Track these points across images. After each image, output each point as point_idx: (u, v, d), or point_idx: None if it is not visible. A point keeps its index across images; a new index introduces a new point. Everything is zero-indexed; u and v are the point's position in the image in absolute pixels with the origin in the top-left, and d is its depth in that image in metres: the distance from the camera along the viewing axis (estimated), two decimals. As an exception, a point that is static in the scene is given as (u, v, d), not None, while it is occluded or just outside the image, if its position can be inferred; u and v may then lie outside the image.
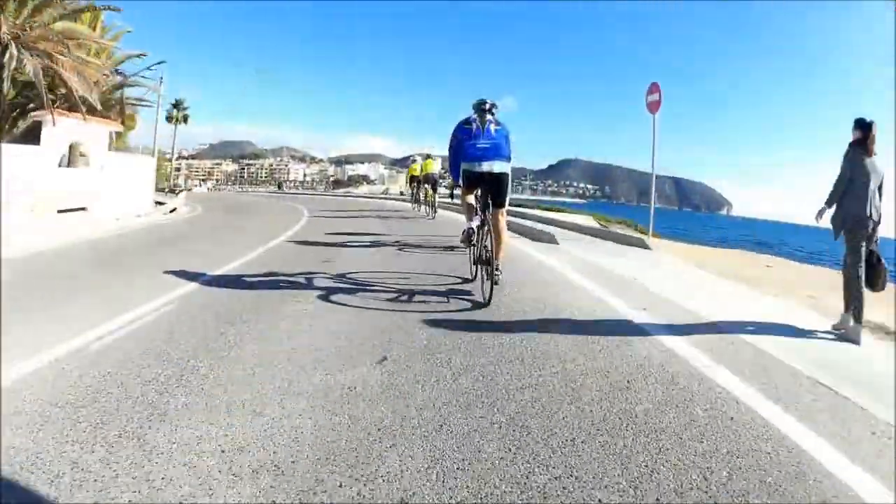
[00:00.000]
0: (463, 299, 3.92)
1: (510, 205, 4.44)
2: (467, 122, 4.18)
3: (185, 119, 47.64)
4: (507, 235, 4.19)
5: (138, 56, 16.80)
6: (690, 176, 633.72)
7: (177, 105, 48.03)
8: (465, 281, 4.56)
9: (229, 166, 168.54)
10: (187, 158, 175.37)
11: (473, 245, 4.24)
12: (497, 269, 3.82)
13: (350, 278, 4.71)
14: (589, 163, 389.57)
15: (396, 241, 7.56)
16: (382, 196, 34.01)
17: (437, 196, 13.01)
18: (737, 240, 27.75)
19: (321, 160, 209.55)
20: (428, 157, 13.43)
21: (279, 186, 39.04)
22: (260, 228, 9.70)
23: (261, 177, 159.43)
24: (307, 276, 4.76)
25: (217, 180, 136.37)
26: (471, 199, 4.35)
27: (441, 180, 14.54)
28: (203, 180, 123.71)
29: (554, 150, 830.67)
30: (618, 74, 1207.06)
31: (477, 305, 3.74)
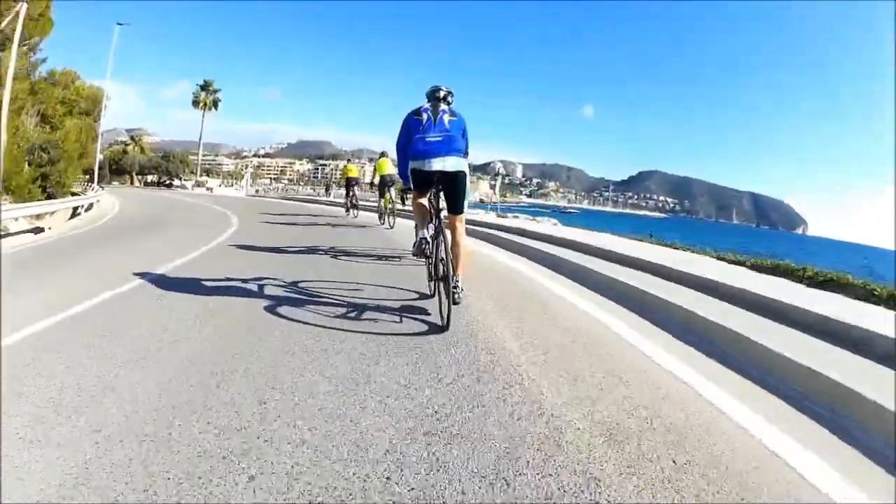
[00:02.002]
0: (418, 320, 3.47)
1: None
2: (418, 112, 3.61)
3: (216, 104, 41.79)
4: (466, 242, 3.67)
5: None
6: (766, 192, 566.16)
7: (206, 87, 42.22)
8: (423, 297, 4.15)
9: (304, 165, 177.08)
10: (262, 156, 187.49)
11: (428, 258, 3.71)
12: (456, 287, 3.16)
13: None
14: (668, 175, 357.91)
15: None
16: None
17: (395, 202, 11.16)
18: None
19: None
20: (382, 155, 11.47)
21: (326, 189, 38.88)
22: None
23: (334, 177, 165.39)
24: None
25: (289, 179, 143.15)
26: (423, 203, 3.77)
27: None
28: (275, 179, 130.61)
29: (634, 161, 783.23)
30: (701, 83, 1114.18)
31: (434, 329, 3.24)
